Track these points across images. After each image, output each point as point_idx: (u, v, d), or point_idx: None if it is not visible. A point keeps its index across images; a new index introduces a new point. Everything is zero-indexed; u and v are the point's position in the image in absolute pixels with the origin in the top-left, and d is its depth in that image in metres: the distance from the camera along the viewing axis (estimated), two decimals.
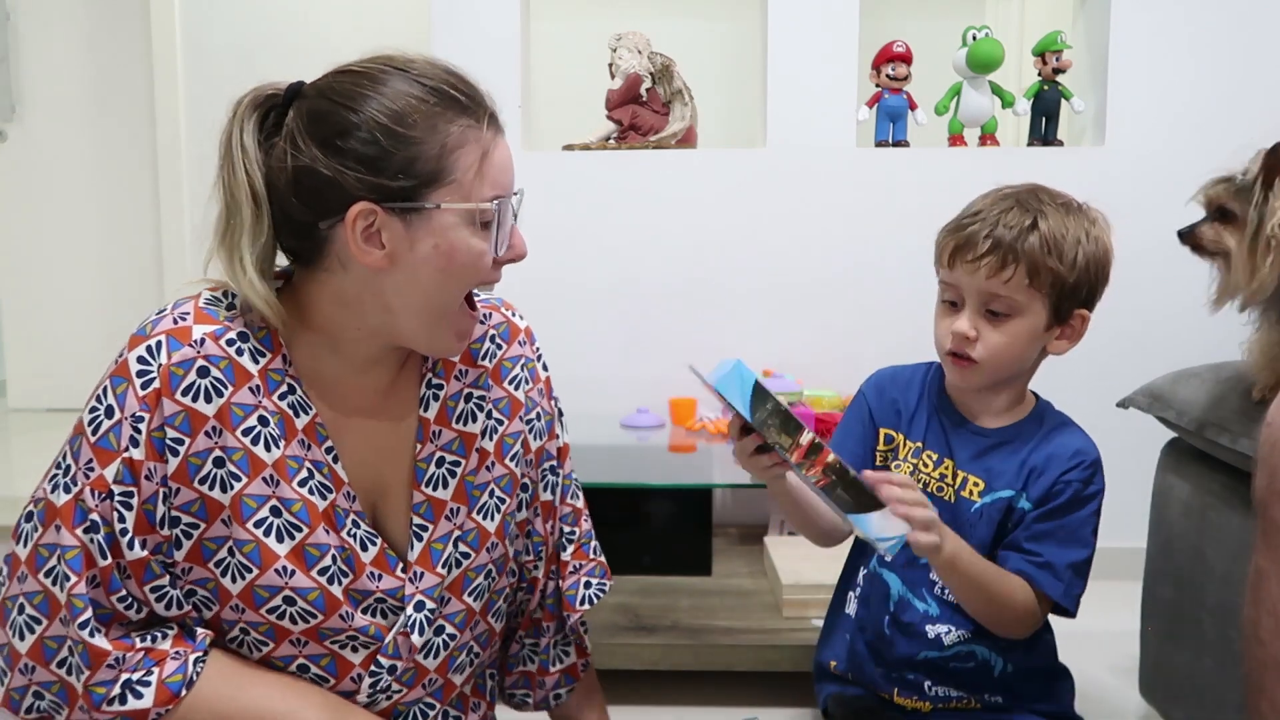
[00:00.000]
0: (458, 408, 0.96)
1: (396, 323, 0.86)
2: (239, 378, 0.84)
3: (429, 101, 0.81)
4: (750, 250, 2.25)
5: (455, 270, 0.84)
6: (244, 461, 0.84)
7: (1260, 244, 1.14)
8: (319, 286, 0.87)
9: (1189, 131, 2.15)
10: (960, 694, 1.13)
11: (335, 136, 0.80)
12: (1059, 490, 1.08)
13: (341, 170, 0.80)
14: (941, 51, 2.27)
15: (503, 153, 0.86)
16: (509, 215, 0.87)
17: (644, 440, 2.08)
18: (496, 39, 2.22)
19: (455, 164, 0.82)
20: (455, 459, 0.95)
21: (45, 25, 3.36)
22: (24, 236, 3.44)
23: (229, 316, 0.86)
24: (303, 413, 0.87)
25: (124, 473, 0.80)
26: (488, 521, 0.97)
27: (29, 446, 3.10)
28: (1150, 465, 1.51)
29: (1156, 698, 1.50)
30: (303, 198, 0.82)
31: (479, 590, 0.97)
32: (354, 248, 0.81)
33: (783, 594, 1.71)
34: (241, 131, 0.83)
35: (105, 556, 0.80)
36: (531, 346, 1.04)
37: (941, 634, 1.12)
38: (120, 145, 3.38)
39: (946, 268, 1.09)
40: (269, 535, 0.85)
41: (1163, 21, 2.16)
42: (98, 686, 0.80)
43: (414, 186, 0.81)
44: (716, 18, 3.00)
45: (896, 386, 1.20)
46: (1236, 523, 1.26)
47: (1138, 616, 1.51)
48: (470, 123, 0.83)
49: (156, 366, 0.81)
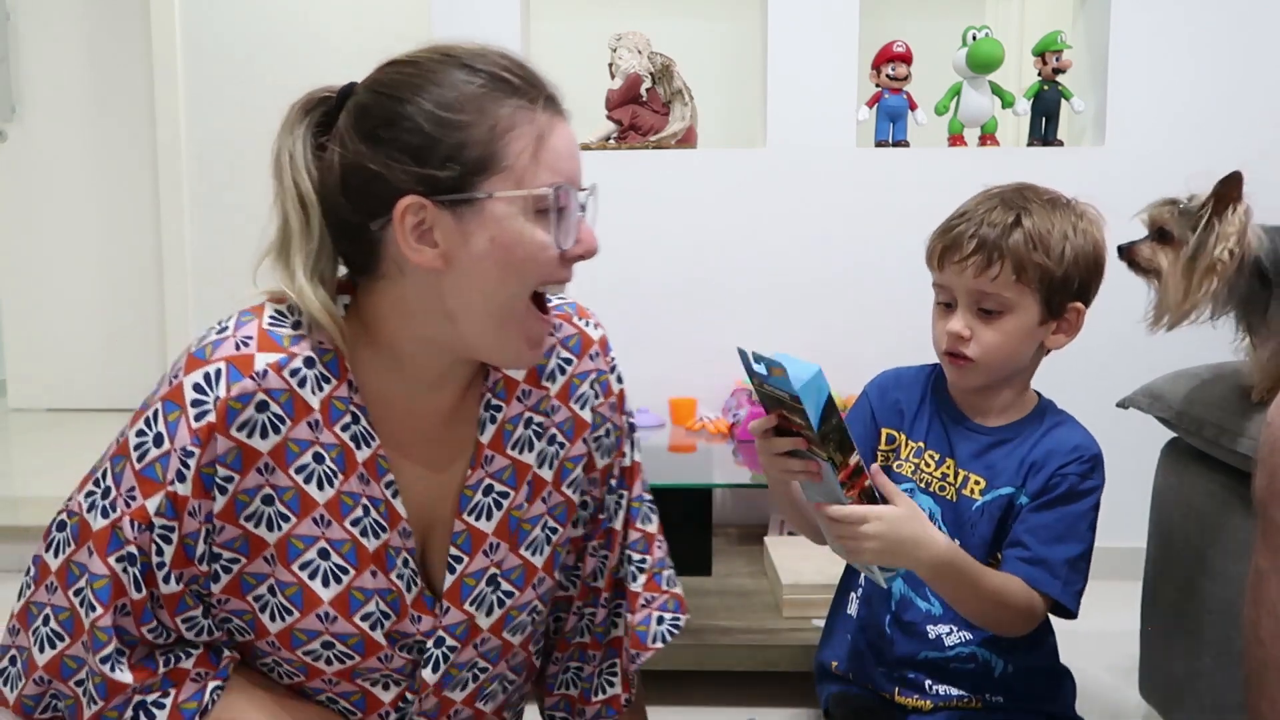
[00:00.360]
0: (515, 433, 0.90)
1: (460, 331, 0.80)
2: (298, 411, 0.79)
3: (476, 84, 0.76)
4: (750, 250, 2.25)
5: (516, 265, 0.78)
6: (295, 501, 0.80)
7: (1197, 268, 1.16)
8: (380, 297, 0.81)
9: (1189, 131, 2.15)
10: (961, 693, 1.13)
11: (380, 128, 0.76)
12: (1055, 483, 1.08)
13: (387, 163, 0.75)
14: (941, 51, 2.27)
15: (563, 137, 0.80)
16: (573, 204, 0.80)
17: (644, 440, 2.07)
18: (496, 39, 2.21)
19: (507, 148, 0.76)
20: (504, 489, 0.89)
21: (45, 25, 3.36)
22: (24, 236, 3.44)
23: (295, 338, 0.80)
24: (365, 444, 0.82)
25: (167, 506, 0.76)
26: (535, 557, 0.91)
27: (29, 446, 3.10)
28: (1150, 465, 1.51)
29: (1156, 698, 1.50)
30: (350, 197, 0.77)
31: (521, 626, 0.93)
32: (405, 247, 0.76)
33: (783, 594, 1.71)
34: (291, 137, 0.80)
35: (140, 589, 0.77)
36: (605, 358, 0.97)
37: (943, 634, 1.12)
38: (120, 145, 3.38)
39: (937, 269, 1.10)
40: (314, 579, 0.81)
41: (1163, 21, 2.16)
42: (111, 711, 0.78)
43: (463, 175, 0.75)
44: (716, 18, 3.00)
45: (899, 387, 1.20)
46: (1236, 523, 1.26)
47: (1138, 616, 1.51)
48: (522, 103, 0.77)
49: (213, 399, 0.76)
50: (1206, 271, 1.15)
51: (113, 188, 3.42)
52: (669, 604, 1.02)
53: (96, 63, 3.37)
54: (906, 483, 1.14)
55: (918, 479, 1.14)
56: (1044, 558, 1.06)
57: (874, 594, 1.17)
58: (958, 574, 1.01)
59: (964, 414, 1.15)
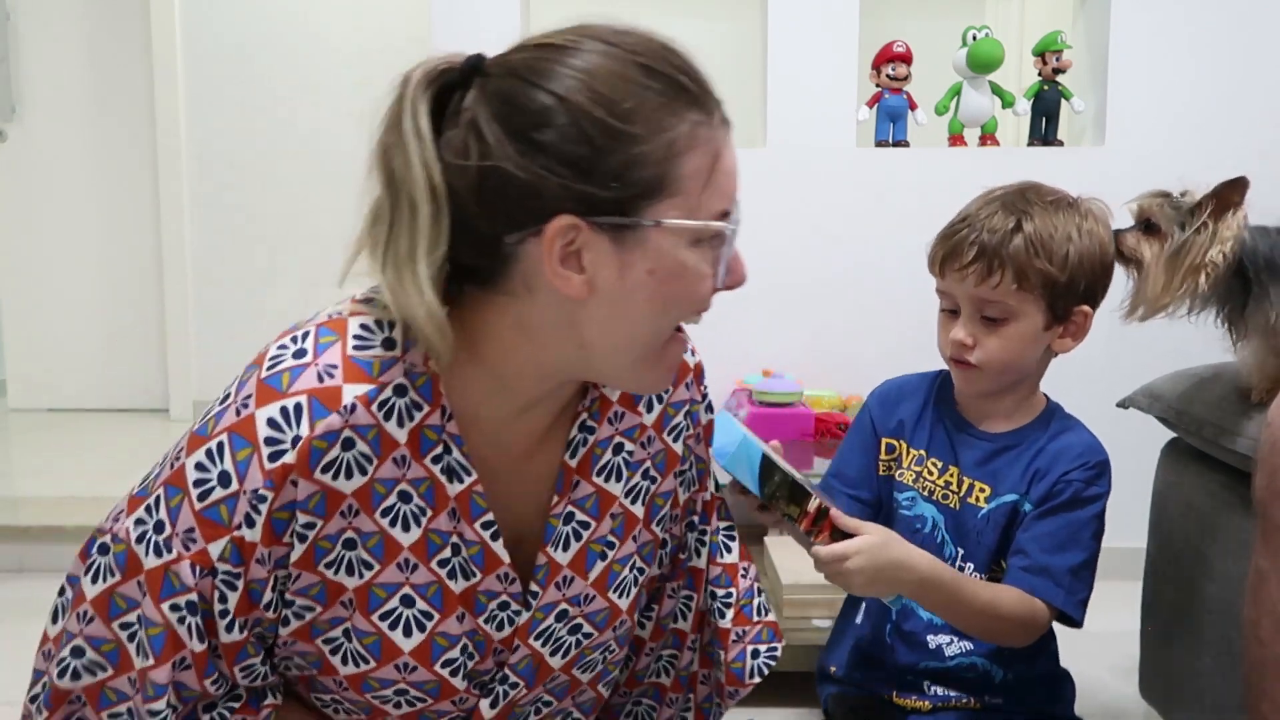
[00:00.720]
0: (603, 458, 0.82)
1: (591, 360, 0.72)
2: (385, 447, 0.70)
3: (650, 88, 0.65)
4: (750, 250, 2.22)
5: (670, 301, 0.69)
6: (379, 547, 0.72)
7: (1181, 264, 1.15)
8: (497, 312, 0.71)
9: (1189, 131, 2.15)
10: (960, 694, 1.13)
11: (531, 127, 0.64)
12: (1059, 490, 1.07)
13: (541, 173, 0.64)
14: (941, 51, 2.27)
15: (732, 157, 0.70)
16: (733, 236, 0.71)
17: None
18: (496, 39, 2.21)
19: (681, 171, 0.66)
20: (585, 519, 0.81)
21: (45, 25, 3.36)
22: (24, 236, 3.44)
23: (385, 362, 0.70)
24: (459, 479, 0.73)
25: (232, 552, 0.67)
26: (622, 600, 0.84)
27: (29, 446, 3.10)
28: (1150, 465, 1.51)
29: (1156, 698, 1.50)
30: (487, 204, 0.65)
31: (591, 664, 0.87)
32: (549, 270, 0.66)
33: (783, 594, 1.71)
34: (415, 114, 0.65)
35: (202, 639, 0.69)
36: (699, 388, 0.90)
37: (943, 644, 1.11)
38: (120, 145, 3.39)
39: (939, 276, 1.09)
40: (395, 629, 0.74)
41: (1163, 21, 2.16)
42: None
43: (631, 198, 0.65)
44: (716, 18, 3.00)
45: (901, 396, 1.20)
46: (1236, 523, 1.26)
47: (1138, 616, 1.51)
48: (700, 117, 0.67)
49: (291, 438, 0.67)
50: (1192, 270, 1.14)
51: (113, 188, 3.42)
52: (763, 634, 0.98)
53: (96, 63, 3.37)
54: (909, 491, 1.14)
55: (920, 487, 1.13)
56: (1046, 566, 1.04)
57: (876, 603, 1.17)
58: (946, 590, 1.00)
59: (968, 420, 1.14)
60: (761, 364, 2.25)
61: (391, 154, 0.66)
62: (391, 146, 0.66)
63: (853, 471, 1.18)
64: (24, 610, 0.84)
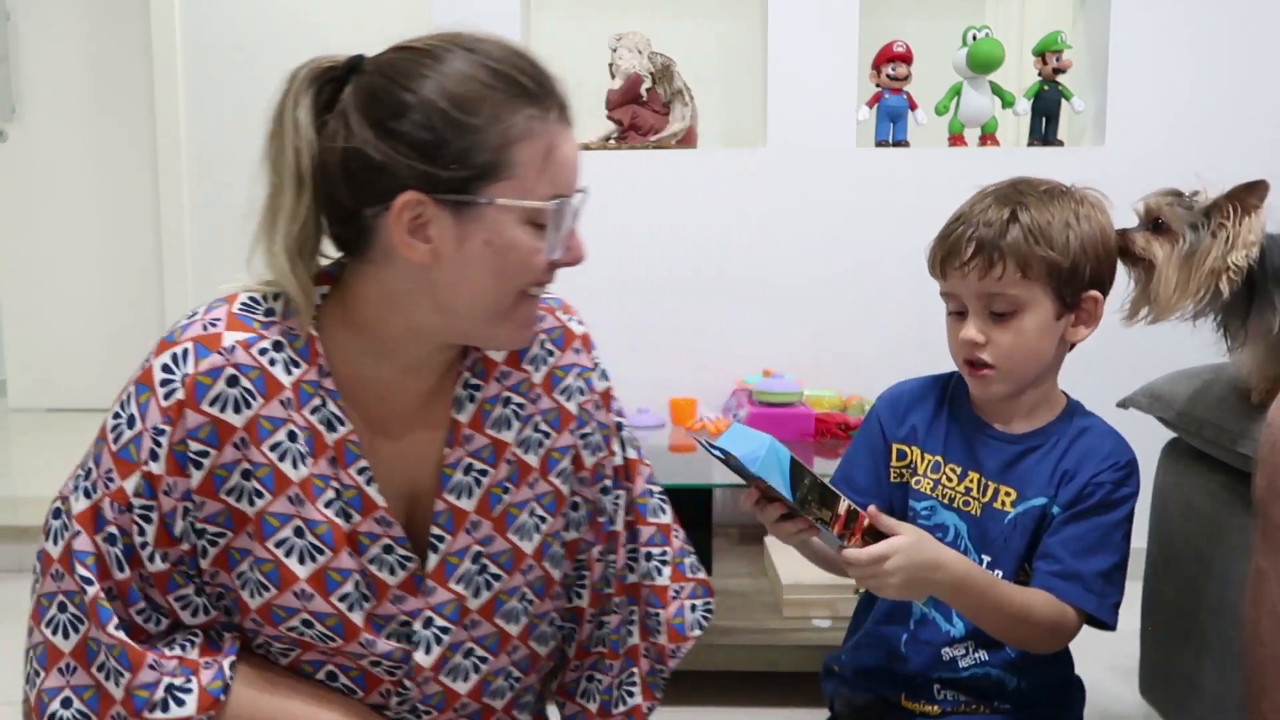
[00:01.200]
0: (494, 412, 0.90)
1: (448, 320, 0.81)
2: (270, 389, 0.79)
3: (494, 87, 0.76)
4: (750, 250, 2.25)
5: (505, 269, 0.79)
6: (269, 478, 0.80)
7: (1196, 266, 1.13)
8: (366, 281, 0.81)
9: (1189, 131, 2.15)
10: (969, 699, 1.11)
11: (389, 118, 0.75)
12: (1089, 492, 1.04)
13: (393, 155, 0.74)
14: (941, 51, 2.27)
15: (569, 148, 0.80)
16: (569, 217, 0.81)
17: (644, 440, 2.07)
18: None
19: (516, 157, 0.76)
20: (484, 467, 0.89)
21: (45, 25, 3.36)
22: (24, 236, 3.44)
23: (265, 323, 0.81)
24: (334, 428, 0.82)
25: (144, 486, 0.77)
26: (524, 542, 0.91)
27: (29, 446, 3.10)
28: (1150, 465, 1.51)
29: (1156, 698, 1.50)
30: (350, 182, 0.76)
31: (513, 613, 0.92)
32: (398, 239, 0.76)
33: (783, 594, 1.71)
34: (296, 106, 0.77)
35: (123, 569, 0.78)
36: (588, 355, 0.97)
37: (957, 656, 1.08)
38: (120, 145, 3.39)
39: (941, 278, 1.06)
40: (290, 556, 0.81)
41: (1163, 21, 2.16)
42: (140, 690, 0.77)
43: (469, 178, 0.75)
44: (716, 18, 3.00)
45: (910, 400, 1.16)
46: (1236, 523, 1.26)
47: (1138, 616, 1.51)
48: (536, 112, 0.77)
49: (181, 376, 0.77)
50: (1212, 273, 1.13)
51: (113, 188, 3.42)
52: (697, 590, 1.03)
53: (96, 63, 3.37)
54: (927, 500, 1.10)
55: (939, 495, 1.10)
56: (1077, 571, 1.02)
57: (896, 610, 1.14)
58: (980, 592, 0.98)
59: (987, 422, 1.10)
60: (761, 364, 2.25)
61: (273, 140, 0.78)
62: (274, 134, 0.78)
63: (862, 479, 1.14)
64: (24, 610, 0.84)
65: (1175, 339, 1.24)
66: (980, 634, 1.07)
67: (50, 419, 3.40)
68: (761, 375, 2.19)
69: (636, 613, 1.03)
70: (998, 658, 1.08)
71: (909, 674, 1.11)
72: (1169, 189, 1.21)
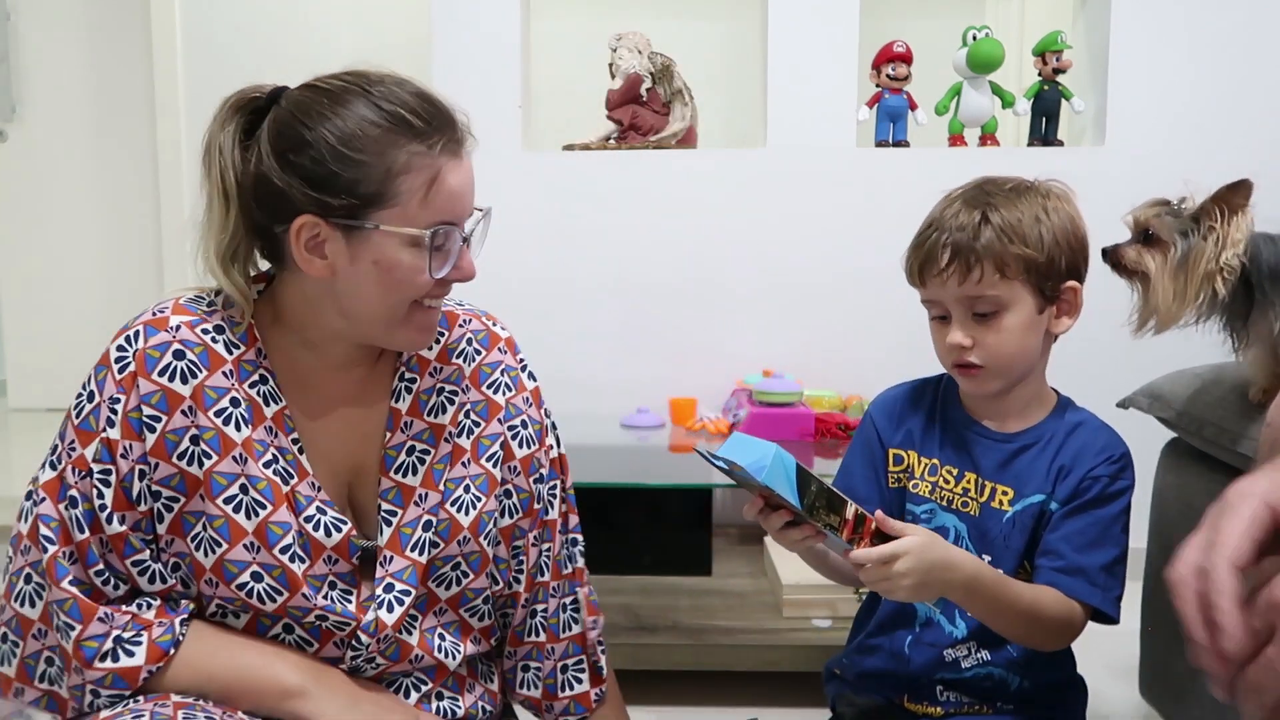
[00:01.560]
0: (430, 401, 0.99)
1: (352, 324, 0.91)
2: (213, 362, 0.89)
3: (380, 125, 0.85)
4: (750, 250, 2.25)
5: (394, 284, 0.88)
6: (215, 440, 0.88)
7: (1191, 272, 1.15)
8: (287, 287, 0.92)
9: (1189, 131, 2.15)
10: (971, 700, 1.11)
11: (290, 150, 0.85)
12: (1086, 487, 1.05)
13: (291, 183, 0.85)
14: (941, 51, 2.27)
15: (456, 178, 0.88)
16: (455, 241, 0.90)
17: (644, 440, 2.08)
18: (496, 39, 2.22)
19: (399, 188, 0.85)
20: (425, 448, 0.98)
21: (45, 25, 3.36)
22: (24, 236, 3.45)
23: (208, 311, 0.92)
24: (272, 403, 0.92)
25: (102, 451, 0.85)
26: (462, 515, 0.98)
27: (29, 446, 3.10)
28: (1150, 465, 1.51)
29: (1156, 698, 1.50)
30: (260, 202, 0.87)
31: (446, 580, 0.99)
32: (297, 255, 0.86)
33: (783, 594, 1.71)
34: (222, 130, 0.88)
35: (82, 531, 0.85)
36: (514, 356, 1.06)
37: (960, 657, 1.09)
38: (120, 145, 3.39)
39: (920, 286, 1.06)
40: (238, 511, 0.88)
41: (1163, 21, 2.16)
42: (89, 641, 0.84)
43: (356, 206, 0.85)
44: (716, 18, 3.00)
45: (903, 405, 1.16)
46: None
47: (1138, 616, 1.51)
48: (420, 149, 0.86)
49: (133, 351, 0.87)
50: (1206, 277, 1.14)
51: (113, 187, 3.42)
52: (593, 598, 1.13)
53: (96, 63, 3.37)
54: (926, 503, 1.11)
55: (938, 498, 1.10)
56: (1081, 566, 1.02)
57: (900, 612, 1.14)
58: (991, 591, 0.98)
59: (980, 422, 1.11)
60: (761, 364, 2.25)
61: (204, 160, 0.88)
62: (205, 154, 0.88)
63: (862, 487, 1.14)
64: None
65: (1175, 339, 1.24)
66: (982, 634, 1.07)
67: (50, 419, 3.40)
68: (761, 375, 2.19)
69: (580, 599, 1.10)
70: (1000, 657, 1.08)
71: (912, 675, 1.11)
72: (1156, 200, 1.22)
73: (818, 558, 1.12)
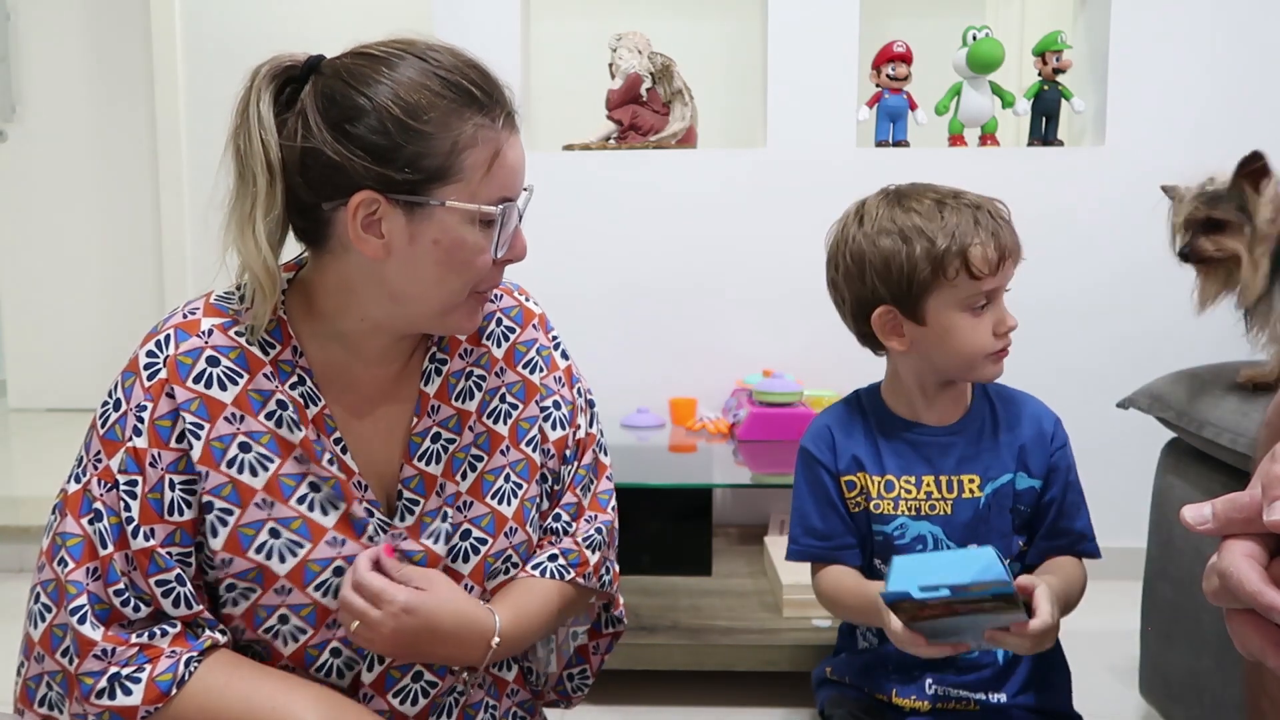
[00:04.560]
0: (458, 385, 0.95)
1: (401, 311, 0.86)
2: (252, 364, 0.85)
3: (444, 95, 0.80)
4: (750, 250, 2.25)
5: (454, 265, 0.84)
6: (273, 444, 0.85)
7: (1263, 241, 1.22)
8: (324, 272, 0.87)
9: (1189, 131, 2.15)
10: (960, 694, 1.12)
11: (345, 120, 0.79)
12: (1058, 461, 1.14)
13: (349, 156, 0.79)
14: (941, 51, 2.27)
15: (515, 153, 0.85)
16: (513, 218, 0.86)
17: (644, 440, 2.08)
18: (496, 39, 2.22)
19: (464, 162, 0.81)
20: (450, 435, 0.94)
21: (45, 25, 3.36)
22: (24, 237, 3.45)
23: (239, 310, 0.87)
24: (312, 404, 0.88)
25: (128, 462, 0.81)
26: (504, 506, 0.95)
27: (29, 446, 3.10)
28: (1150, 465, 1.51)
29: (1156, 698, 1.50)
30: (308, 178, 0.81)
31: (497, 574, 0.95)
32: (353, 234, 0.81)
33: (783, 594, 1.71)
34: (259, 101, 0.81)
35: (106, 546, 0.81)
36: (546, 334, 1.02)
37: None
38: (120, 145, 3.39)
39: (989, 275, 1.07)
40: (313, 510, 0.85)
41: (1163, 21, 2.16)
42: (86, 677, 0.79)
43: (420, 181, 0.80)
44: (716, 18, 3.00)
45: (837, 431, 1.18)
46: None
47: (1138, 616, 1.51)
48: (484, 121, 0.82)
49: (163, 358, 0.83)
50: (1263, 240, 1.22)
51: (113, 187, 3.42)
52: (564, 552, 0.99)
53: (96, 63, 3.37)
54: (895, 520, 1.12)
55: (905, 510, 1.12)
56: (1085, 532, 1.14)
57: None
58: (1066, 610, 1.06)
59: (920, 423, 1.15)
60: (761, 364, 2.25)
61: (239, 134, 0.82)
62: (239, 128, 0.82)
63: (821, 524, 1.15)
64: (24, 610, 0.84)
65: (1175, 339, 1.24)
66: None
67: (50, 419, 3.40)
68: (761, 375, 2.19)
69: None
70: None
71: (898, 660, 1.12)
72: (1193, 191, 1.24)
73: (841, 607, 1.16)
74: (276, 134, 0.81)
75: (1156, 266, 1.70)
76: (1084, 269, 2.10)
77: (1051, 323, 2.12)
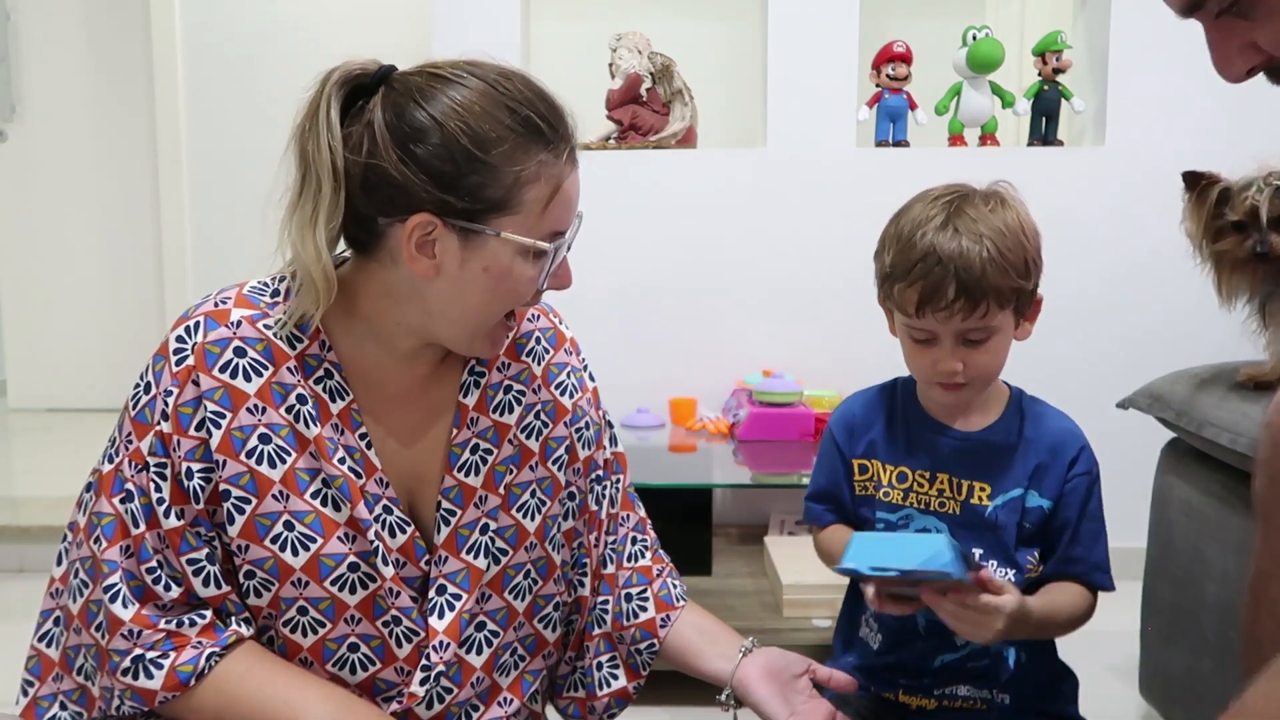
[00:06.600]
0: (496, 398, 0.96)
1: (433, 326, 0.87)
2: (278, 358, 0.86)
3: (513, 130, 0.81)
4: (750, 250, 2.25)
5: (498, 293, 0.85)
6: (291, 438, 0.86)
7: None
8: (368, 277, 0.87)
9: (1189, 131, 2.15)
10: (967, 694, 1.12)
11: (412, 141, 0.80)
12: (1076, 484, 1.09)
13: (412, 178, 0.80)
14: (941, 51, 2.27)
15: (572, 187, 0.86)
16: (563, 251, 0.88)
17: (644, 440, 2.08)
18: (497, 41, 2.22)
19: (524, 196, 0.82)
20: (489, 447, 0.95)
21: (45, 25, 3.36)
22: (24, 237, 3.45)
23: (271, 304, 0.88)
24: (338, 398, 0.89)
25: (157, 445, 0.84)
26: (527, 520, 0.96)
27: (29, 446, 3.10)
28: (1150, 465, 1.51)
29: (1156, 698, 1.50)
30: (369, 192, 0.81)
31: (520, 590, 0.97)
32: (406, 252, 0.82)
33: (783, 594, 1.71)
34: (329, 108, 0.81)
35: (138, 525, 0.83)
36: (578, 357, 1.05)
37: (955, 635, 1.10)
38: (120, 145, 3.39)
39: (913, 316, 1.04)
40: (325, 505, 0.86)
41: (1163, 21, 2.14)
42: (114, 653, 0.82)
43: (479, 210, 0.81)
44: (716, 18, 3.00)
45: (862, 416, 1.17)
46: (1236, 523, 1.26)
47: (1138, 616, 1.51)
48: (548, 158, 0.83)
49: (191, 345, 0.85)
50: None
51: (113, 188, 3.42)
52: (672, 571, 1.11)
53: (96, 63, 3.37)
54: (901, 510, 1.12)
55: (914, 503, 1.12)
56: (1098, 563, 1.09)
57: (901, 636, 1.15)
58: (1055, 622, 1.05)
59: (941, 423, 1.13)
60: (761, 364, 2.25)
61: (306, 137, 0.81)
62: (307, 131, 0.81)
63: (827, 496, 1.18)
64: (24, 610, 0.85)
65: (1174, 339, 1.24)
66: None
67: (50, 419, 3.40)
68: (761, 375, 2.19)
69: (609, 601, 1.06)
70: None
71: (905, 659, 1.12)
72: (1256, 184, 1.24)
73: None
74: (343, 144, 0.81)
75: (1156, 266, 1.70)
76: (1084, 269, 2.09)
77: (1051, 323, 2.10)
